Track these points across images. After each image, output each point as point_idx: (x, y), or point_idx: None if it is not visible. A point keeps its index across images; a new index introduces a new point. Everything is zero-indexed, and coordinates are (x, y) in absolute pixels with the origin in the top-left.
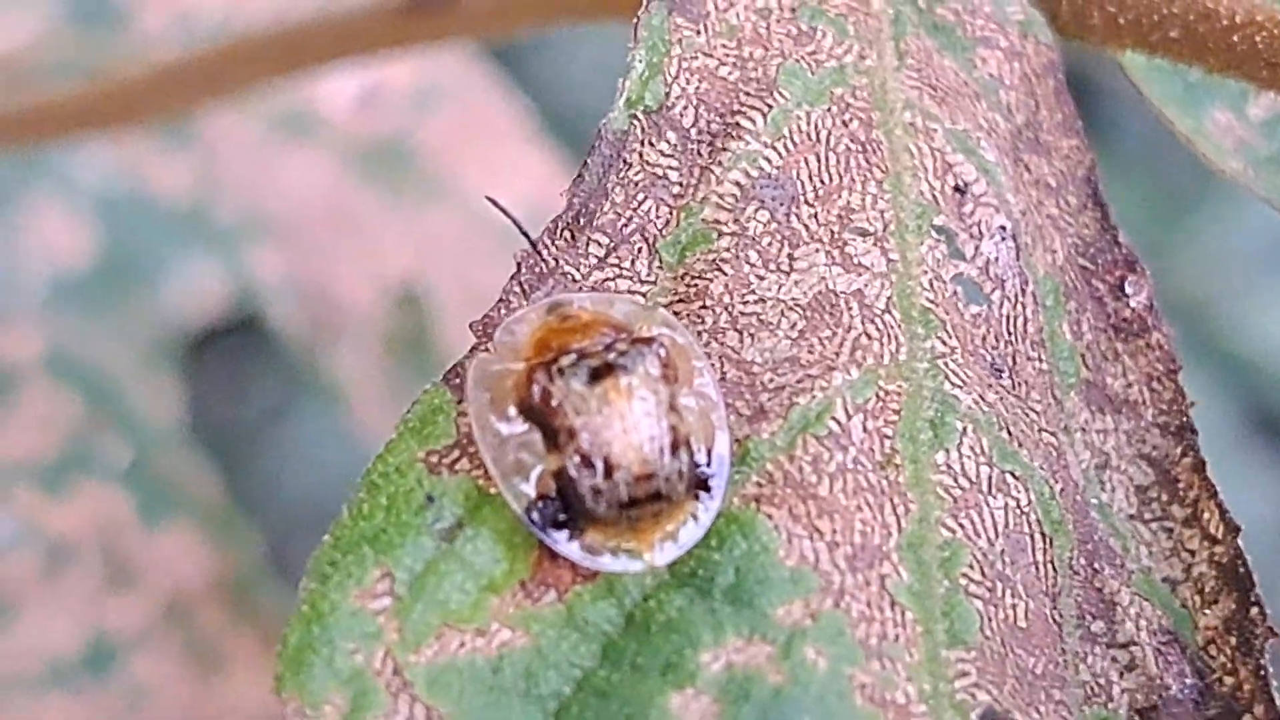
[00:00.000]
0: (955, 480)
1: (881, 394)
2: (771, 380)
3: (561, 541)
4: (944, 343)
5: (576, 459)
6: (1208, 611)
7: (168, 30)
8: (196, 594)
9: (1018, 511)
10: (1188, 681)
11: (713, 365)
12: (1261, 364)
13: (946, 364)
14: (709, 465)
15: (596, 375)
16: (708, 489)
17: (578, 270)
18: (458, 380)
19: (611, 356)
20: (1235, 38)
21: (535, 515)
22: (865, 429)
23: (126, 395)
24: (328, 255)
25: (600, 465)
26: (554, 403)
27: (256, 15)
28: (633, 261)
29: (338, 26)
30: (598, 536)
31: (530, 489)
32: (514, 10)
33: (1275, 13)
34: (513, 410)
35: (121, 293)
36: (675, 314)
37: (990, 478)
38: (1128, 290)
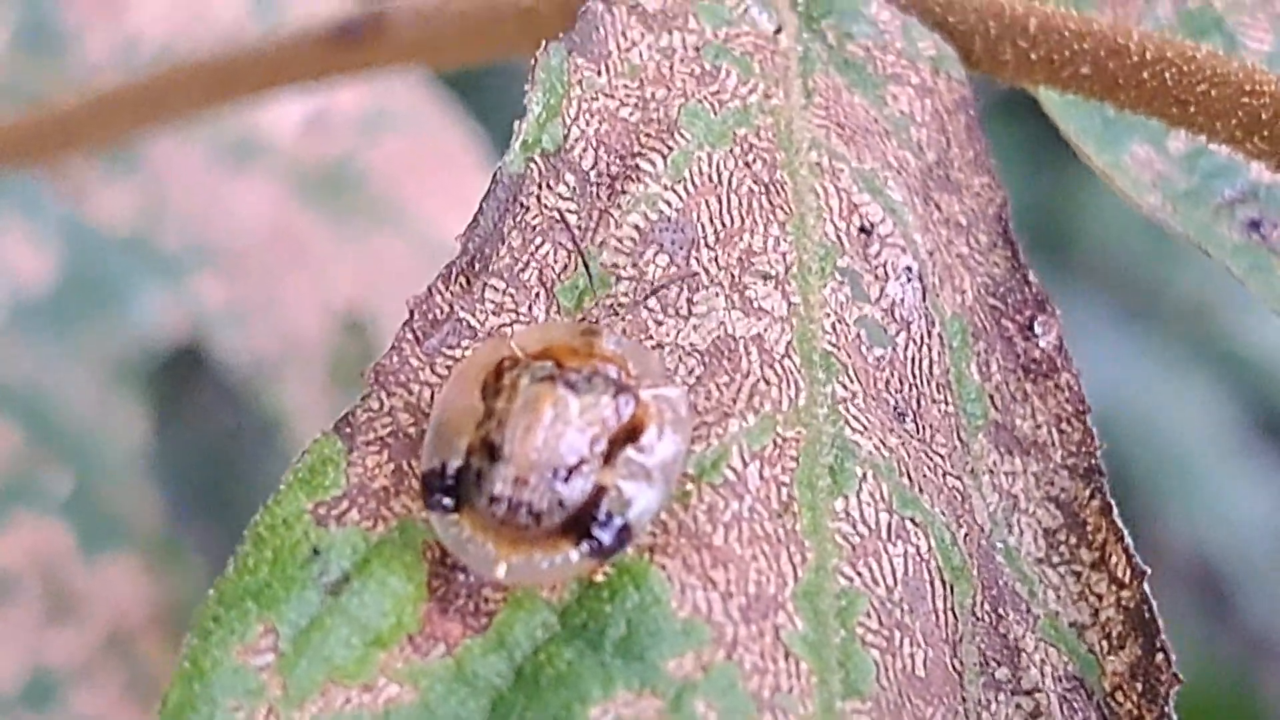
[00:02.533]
0: (854, 527)
1: (779, 440)
2: None
3: (434, 516)
4: (845, 387)
5: (481, 437)
6: (1114, 657)
7: (110, 57)
8: (138, 626)
9: (917, 558)
10: None
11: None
12: (1262, 366)
13: (847, 409)
14: (605, 528)
15: (545, 379)
16: (597, 544)
17: (473, 316)
18: (348, 430)
19: (571, 376)
20: (1145, 74)
21: (430, 482)
22: (762, 476)
23: (69, 425)
24: (273, 282)
25: (495, 450)
26: (501, 387)
27: (200, 41)
28: (530, 307)
29: (266, 56)
30: (467, 526)
31: (455, 457)
32: (441, 42)
33: (1185, 49)
34: (478, 387)
35: (70, 321)
36: None
37: (890, 524)
38: (1037, 330)
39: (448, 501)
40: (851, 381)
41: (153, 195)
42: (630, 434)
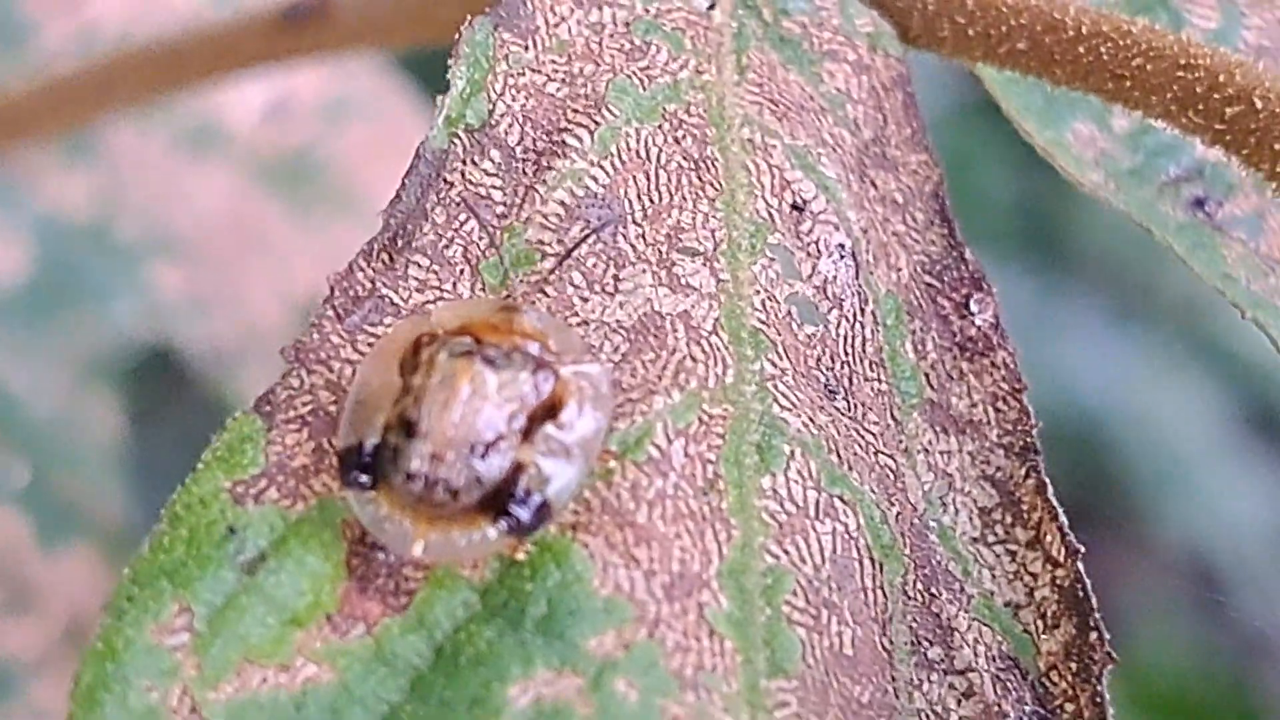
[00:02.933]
0: (781, 505)
1: (705, 418)
2: None
3: (350, 493)
4: (774, 364)
5: (399, 414)
6: (1049, 636)
7: (69, 46)
8: (96, 617)
9: (846, 536)
10: (1027, 709)
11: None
12: (1256, 364)
13: (776, 386)
14: (523, 506)
15: (463, 355)
16: (515, 521)
17: (395, 293)
18: (268, 408)
19: (489, 351)
20: (1081, 49)
21: (346, 459)
22: (687, 454)
23: (28, 416)
24: (234, 272)
25: (411, 426)
26: (419, 363)
27: (158, 28)
28: (454, 284)
29: (216, 38)
30: (384, 503)
31: (372, 435)
32: (387, 23)
33: (1121, 24)
34: (396, 364)
35: (34, 314)
36: None
37: (818, 502)
38: (973, 308)
39: (364, 479)
40: (781, 359)
41: (111, 184)
42: (549, 411)
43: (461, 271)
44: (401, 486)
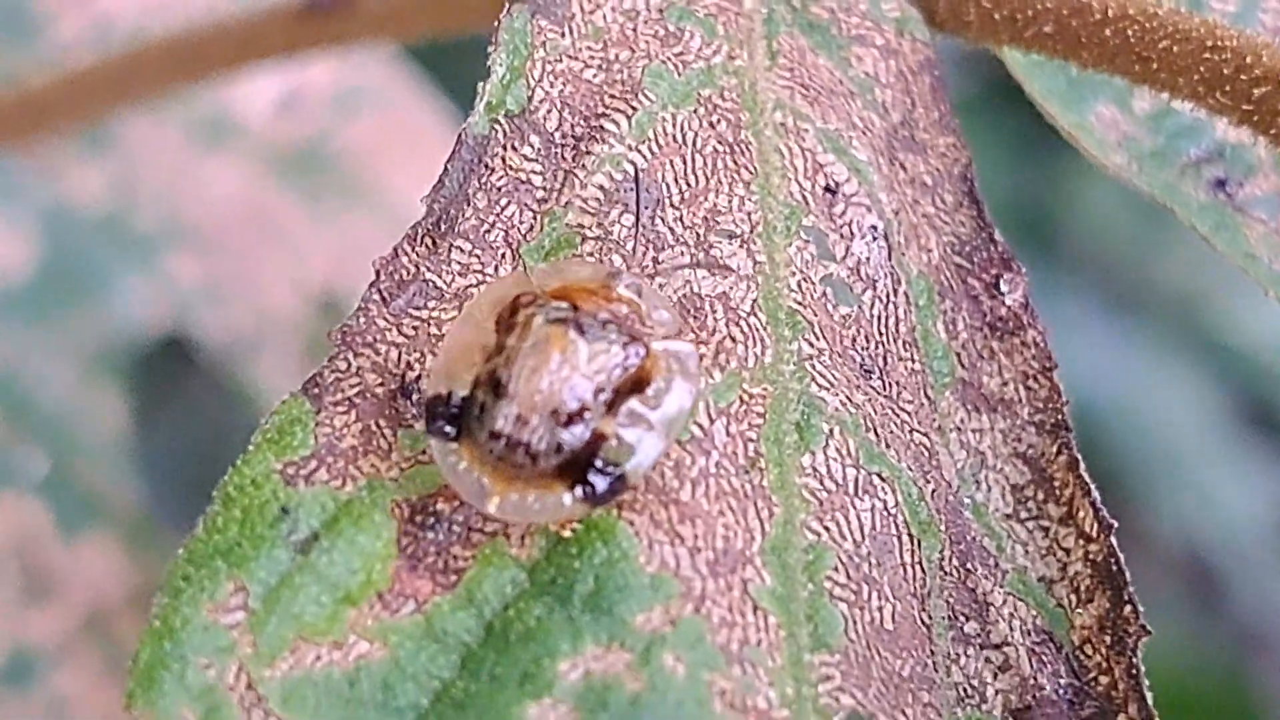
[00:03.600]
0: (821, 483)
1: (746, 397)
2: None
3: (435, 442)
4: (811, 344)
5: (489, 371)
6: (1082, 610)
7: (83, 39)
8: (116, 606)
9: (885, 513)
10: (1062, 681)
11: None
12: (1251, 356)
13: (813, 366)
14: (600, 476)
15: (558, 321)
16: (590, 490)
17: (439, 277)
18: (316, 391)
19: (584, 320)
20: (1108, 32)
21: (432, 408)
22: (729, 433)
23: (47, 407)
24: (249, 262)
25: (500, 386)
26: (515, 323)
27: (173, 19)
28: (496, 268)
29: (236, 31)
30: (465, 455)
31: (461, 387)
32: (410, 14)
33: (1147, 6)
34: (493, 320)
35: (49, 305)
36: None
37: (857, 480)
38: (1003, 288)
39: (449, 430)
40: (818, 339)
41: (126, 175)
42: (636, 384)
43: (503, 255)
44: (484, 443)
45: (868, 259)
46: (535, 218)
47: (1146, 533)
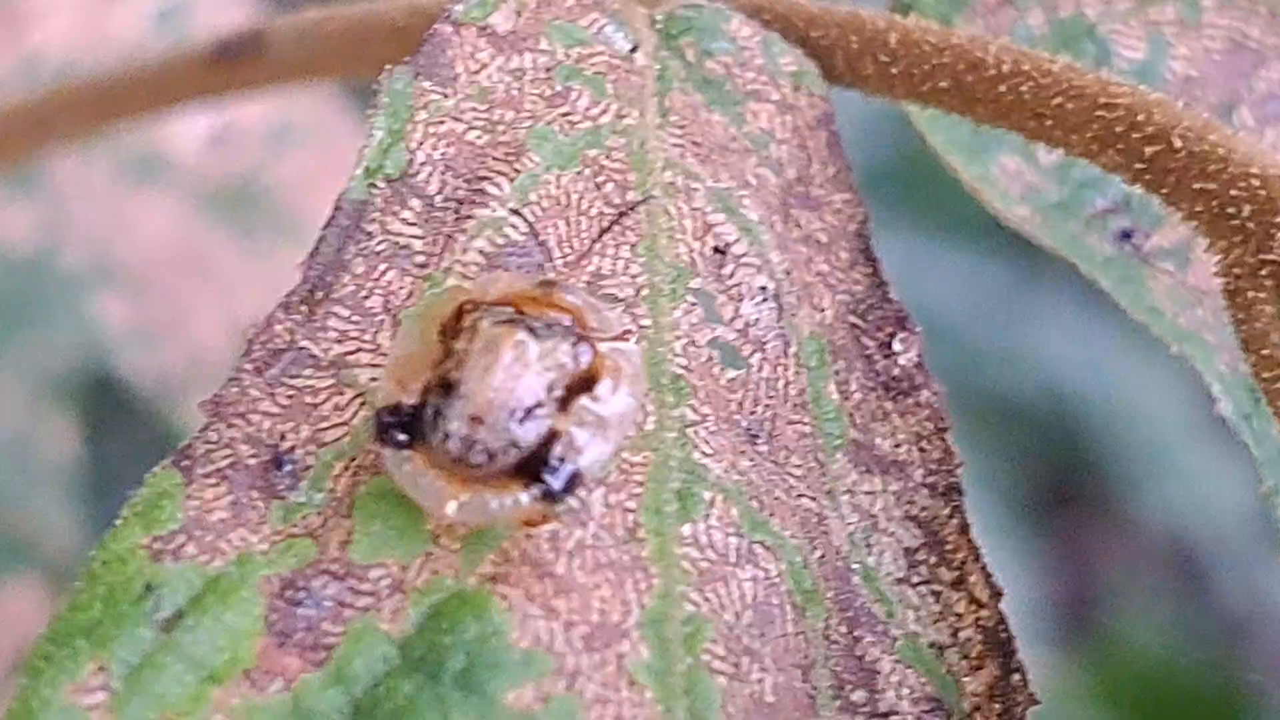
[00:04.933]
0: (702, 553)
1: (626, 466)
2: None
3: (389, 448)
4: (695, 410)
5: (440, 376)
6: (972, 678)
7: (11, 75)
8: None
9: (767, 583)
10: None
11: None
12: None
13: (697, 432)
14: (556, 474)
15: (506, 323)
16: (545, 489)
17: (315, 345)
18: (186, 462)
19: (531, 321)
20: (1003, 88)
21: (384, 418)
22: (607, 503)
23: None
24: (179, 300)
25: (452, 389)
26: (461, 329)
27: (102, 56)
28: (375, 334)
29: (149, 76)
30: (420, 462)
31: (411, 396)
32: (319, 60)
33: (1042, 63)
34: (434, 329)
35: None
36: None
37: (739, 549)
38: (897, 347)
39: (402, 438)
40: (702, 404)
41: (54, 215)
42: (586, 383)
43: (382, 322)
44: (439, 446)
45: (757, 320)
46: (414, 283)
47: (1130, 522)
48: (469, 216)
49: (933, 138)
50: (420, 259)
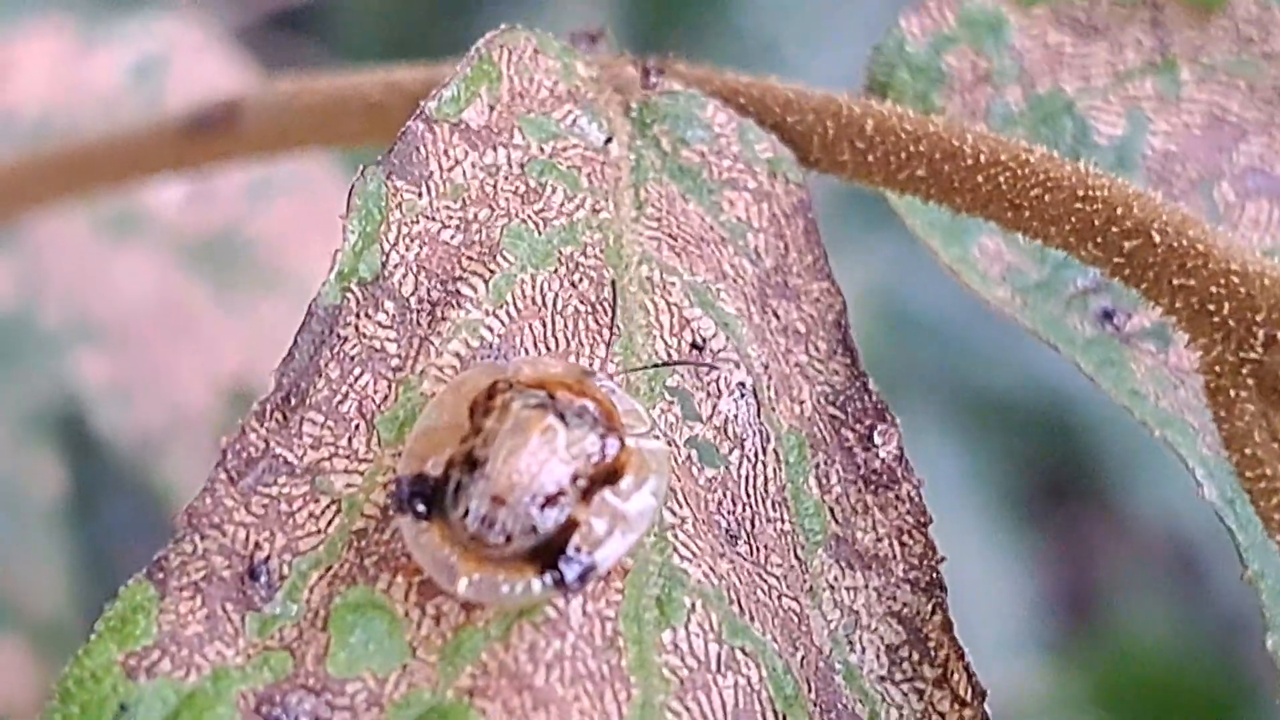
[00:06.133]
0: (682, 660)
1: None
2: None
3: (405, 519)
4: (674, 512)
5: (465, 452)
6: None
7: None
8: (23, 710)
9: (748, 689)
10: None
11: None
12: None
13: (676, 535)
14: (571, 563)
15: (537, 406)
16: (560, 576)
17: (290, 452)
18: (161, 575)
19: (562, 407)
20: (980, 178)
21: (405, 487)
22: (585, 612)
23: None
24: (159, 356)
25: (477, 466)
26: (492, 407)
27: (78, 112)
28: (350, 439)
29: (123, 147)
30: (436, 535)
31: (435, 468)
32: (292, 133)
33: (1020, 153)
34: (465, 404)
35: None
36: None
37: (719, 655)
38: (877, 440)
39: (421, 508)
40: (681, 506)
41: (33, 272)
42: (610, 476)
43: (357, 426)
44: (458, 522)
45: (735, 417)
46: (390, 386)
47: (1129, 517)
48: (444, 318)
49: (911, 220)
50: (395, 362)
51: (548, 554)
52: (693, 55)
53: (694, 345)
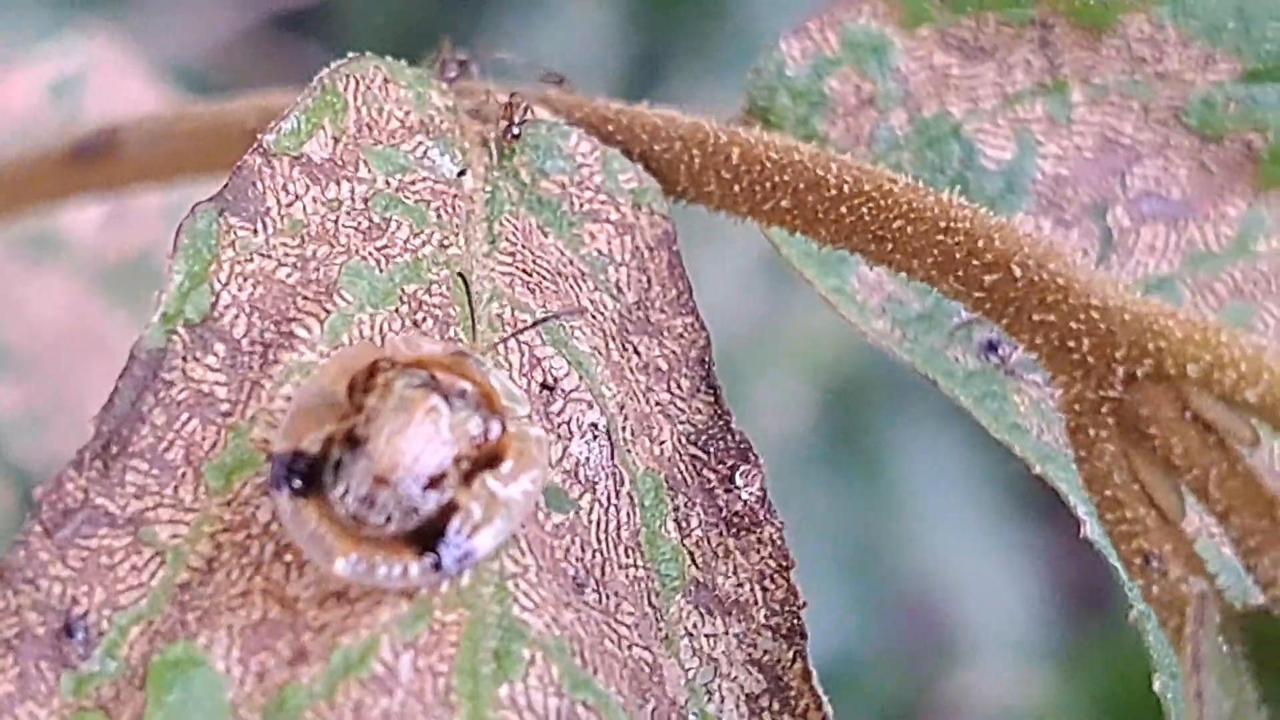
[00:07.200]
0: (520, 716)
1: (437, 626)
2: (315, 618)
3: (284, 495)
4: (516, 561)
5: (346, 430)
6: None
7: None
8: None
9: None
10: None
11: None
12: None
13: (517, 584)
14: (450, 547)
15: (420, 385)
16: (435, 562)
17: (112, 502)
18: None
19: (445, 388)
20: (843, 209)
21: (282, 463)
22: (416, 668)
23: None
24: (73, 382)
25: (359, 446)
26: (373, 385)
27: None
28: (175, 488)
29: (6, 177)
30: (314, 512)
31: (312, 444)
32: (174, 161)
33: (883, 182)
34: (343, 382)
35: None
36: (218, 544)
37: (559, 710)
38: (739, 481)
39: (298, 485)
40: (524, 554)
41: None
42: (491, 460)
43: (184, 475)
44: (337, 501)
45: (587, 459)
46: (219, 432)
47: None
48: (276, 361)
49: (786, 249)
50: (225, 407)
51: (426, 536)
52: (694, 54)
53: (544, 386)
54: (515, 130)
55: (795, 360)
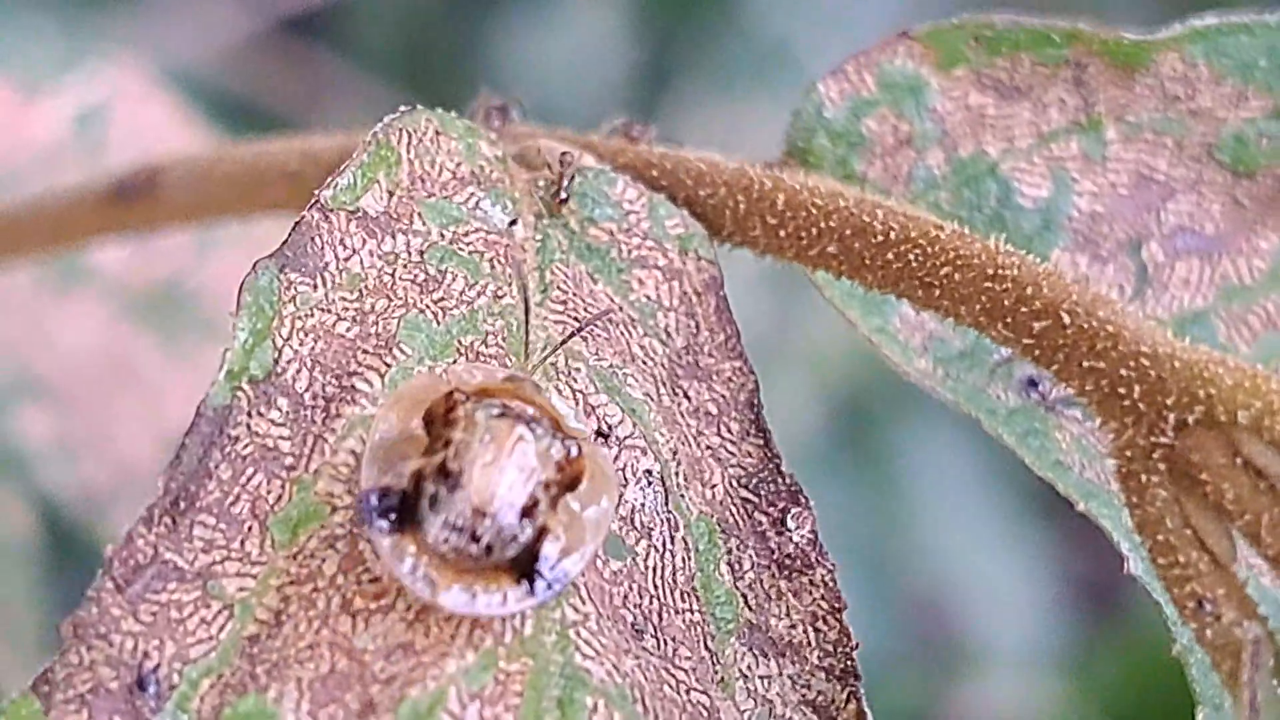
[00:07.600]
0: None
1: (501, 676)
2: (383, 670)
3: (379, 531)
4: (577, 609)
5: (437, 463)
6: None
7: None
8: None
9: None
10: None
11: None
12: None
13: (579, 633)
14: (550, 570)
15: (501, 414)
16: (529, 589)
17: (180, 557)
18: (46, 688)
19: (525, 415)
20: (890, 255)
21: (373, 500)
22: (482, 718)
23: None
24: (103, 410)
25: (453, 478)
26: (454, 418)
27: (21, 160)
28: (242, 542)
29: (47, 215)
30: (411, 545)
31: (398, 480)
32: (212, 201)
33: (930, 229)
34: (418, 416)
35: None
36: (285, 597)
37: None
38: (790, 524)
39: (388, 522)
40: (584, 603)
41: None
42: (572, 482)
43: (250, 528)
44: (437, 535)
45: (643, 505)
46: (284, 486)
47: None
48: (338, 415)
49: (828, 291)
50: (289, 460)
51: (524, 563)
52: (701, 61)
53: (599, 433)
54: (564, 194)
55: (804, 367)
